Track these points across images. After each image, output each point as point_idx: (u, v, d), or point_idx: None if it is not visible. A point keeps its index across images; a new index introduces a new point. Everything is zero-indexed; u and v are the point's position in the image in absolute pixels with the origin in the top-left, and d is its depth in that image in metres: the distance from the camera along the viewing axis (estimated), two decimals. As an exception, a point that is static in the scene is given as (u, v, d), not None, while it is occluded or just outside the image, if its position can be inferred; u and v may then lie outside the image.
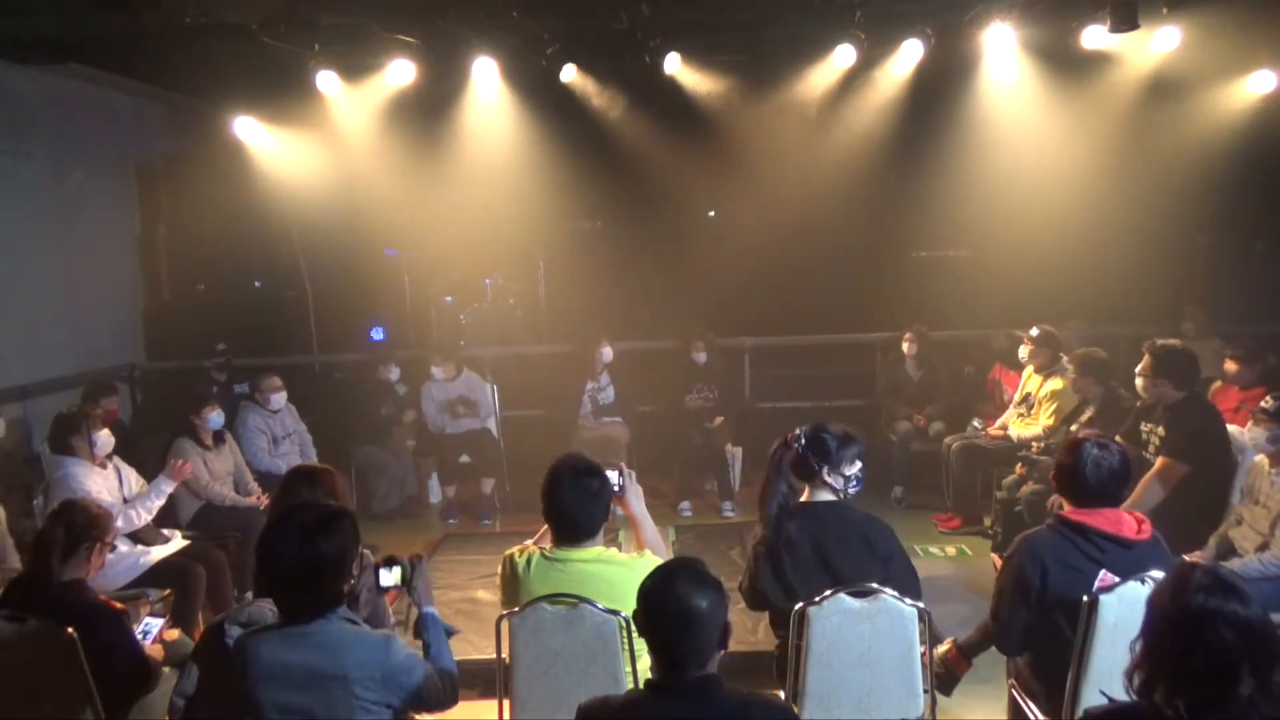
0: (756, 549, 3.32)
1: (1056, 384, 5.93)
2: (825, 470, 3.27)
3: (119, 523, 4.53)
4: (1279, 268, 8.81)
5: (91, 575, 3.35)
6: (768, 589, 3.22)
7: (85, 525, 3.31)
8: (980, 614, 3.89)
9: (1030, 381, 6.24)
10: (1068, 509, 3.11)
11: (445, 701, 2.68)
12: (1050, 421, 5.86)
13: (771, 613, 3.36)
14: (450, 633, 2.94)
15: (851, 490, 3.28)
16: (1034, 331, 6.25)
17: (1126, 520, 3.02)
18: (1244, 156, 8.14)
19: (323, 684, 2.42)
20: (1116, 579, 2.90)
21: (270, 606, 2.70)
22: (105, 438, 4.80)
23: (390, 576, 2.91)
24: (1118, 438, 3.80)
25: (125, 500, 4.74)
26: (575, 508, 3.00)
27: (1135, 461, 3.54)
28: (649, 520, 3.33)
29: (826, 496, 3.29)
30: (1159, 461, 4.48)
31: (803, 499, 3.34)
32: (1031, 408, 6.13)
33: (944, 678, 3.42)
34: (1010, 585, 3.07)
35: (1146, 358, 4.70)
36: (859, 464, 3.30)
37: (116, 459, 4.93)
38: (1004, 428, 6.28)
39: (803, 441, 3.33)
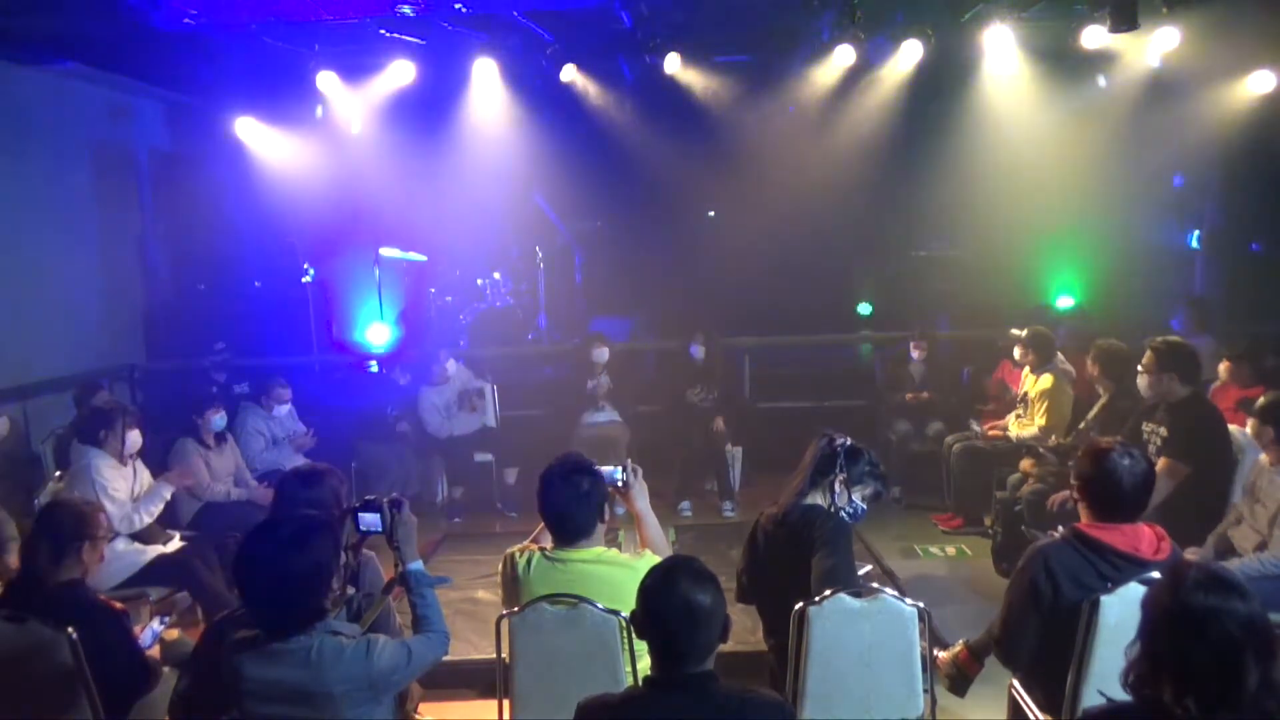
0: (749, 537, 3.42)
1: (1045, 382, 5.95)
2: (839, 479, 3.24)
3: (120, 525, 4.54)
4: (1277, 267, 8.80)
5: (90, 573, 3.32)
6: (747, 579, 3.39)
7: (74, 525, 3.26)
8: (981, 613, 3.91)
9: (1027, 381, 6.25)
10: (1084, 521, 3.00)
11: (438, 659, 2.70)
12: (1044, 421, 5.88)
13: (762, 618, 3.38)
14: (438, 584, 2.88)
15: (844, 513, 3.24)
16: (1024, 332, 6.27)
17: (1145, 536, 2.93)
18: (1243, 156, 8.15)
19: (309, 700, 2.41)
20: None
21: None
22: (135, 438, 4.83)
23: (369, 521, 2.85)
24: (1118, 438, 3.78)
25: (135, 499, 4.75)
26: (566, 507, 3.00)
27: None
28: (653, 518, 3.33)
29: (818, 501, 3.26)
30: (1162, 462, 4.45)
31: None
32: (1028, 407, 6.13)
33: (956, 679, 3.42)
34: (1020, 598, 2.99)
35: (1149, 353, 4.67)
36: (865, 504, 3.30)
37: (137, 459, 4.95)
38: (1004, 428, 6.28)
39: (846, 443, 3.31)
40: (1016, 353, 6.35)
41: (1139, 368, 4.74)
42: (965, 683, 3.44)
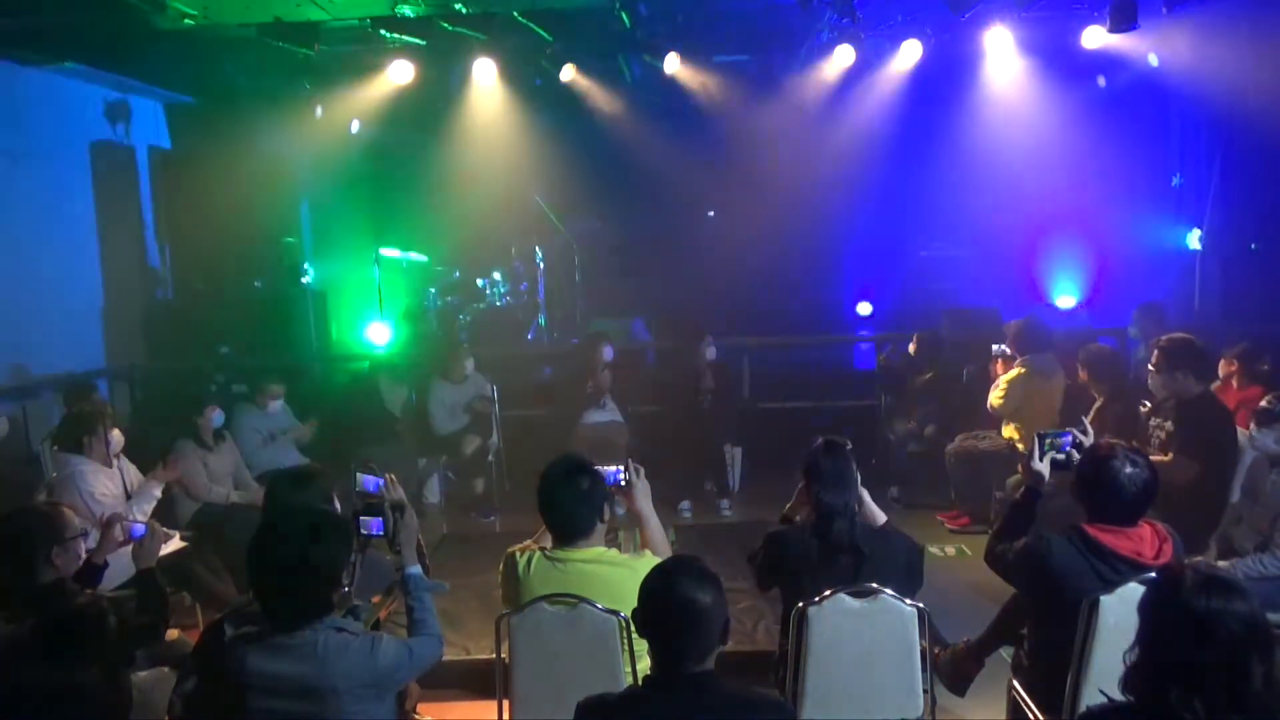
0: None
1: (1012, 374, 5.97)
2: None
3: (117, 533, 4.51)
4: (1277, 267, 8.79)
5: (69, 572, 3.24)
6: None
7: (38, 530, 3.14)
8: (981, 613, 3.91)
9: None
10: (1086, 520, 2.98)
11: (435, 661, 2.72)
12: (997, 401, 5.97)
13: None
14: (435, 590, 2.90)
15: None
16: (1008, 324, 6.35)
17: (1148, 539, 2.92)
18: (1243, 156, 8.14)
19: (312, 695, 2.41)
20: None
21: None
22: (117, 437, 4.80)
23: (372, 526, 2.88)
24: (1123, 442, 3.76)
25: (129, 498, 4.73)
26: (566, 507, 3.00)
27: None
28: (654, 518, 3.32)
29: None
30: (1172, 456, 4.39)
31: None
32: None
33: (956, 679, 3.41)
34: (1020, 589, 3.03)
35: (1157, 352, 4.62)
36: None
37: (122, 458, 4.93)
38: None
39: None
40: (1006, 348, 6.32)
41: (1149, 367, 4.70)
42: (965, 683, 3.44)
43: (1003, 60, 7.68)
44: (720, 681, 2.18)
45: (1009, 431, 6.09)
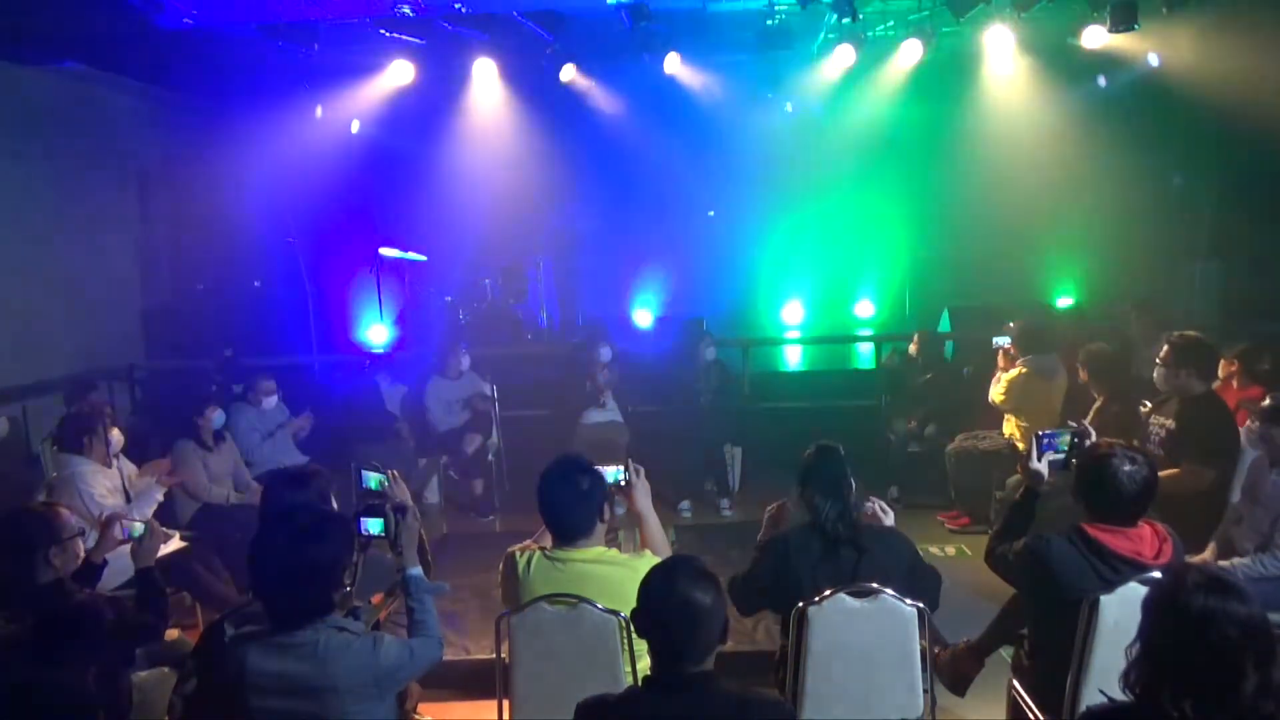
0: None
1: (1013, 373, 5.95)
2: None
3: (116, 532, 4.51)
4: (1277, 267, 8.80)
5: (67, 572, 3.24)
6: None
7: (35, 531, 3.15)
8: (981, 613, 3.91)
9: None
10: (1086, 520, 2.98)
11: (434, 662, 2.72)
12: (999, 397, 5.96)
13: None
14: (436, 592, 2.90)
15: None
16: (1010, 324, 6.29)
17: (1147, 539, 2.92)
18: (1243, 156, 8.15)
19: (313, 695, 2.41)
20: None
21: None
22: (117, 437, 4.81)
23: (373, 526, 2.89)
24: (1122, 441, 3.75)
25: (128, 498, 4.73)
26: (566, 507, 3.00)
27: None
28: (654, 518, 3.33)
29: None
30: (1181, 469, 4.35)
31: None
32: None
33: (956, 679, 3.40)
34: (1020, 590, 3.02)
35: (1166, 348, 4.59)
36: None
37: (122, 457, 4.93)
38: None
39: None
40: (1005, 340, 6.27)
41: (1157, 360, 4.69)
42: (965, 683, 3.44)
43: (1003, 60, 7.69)
44: (720, 681, 2.18)
45: (1009, 427, 6.09)
